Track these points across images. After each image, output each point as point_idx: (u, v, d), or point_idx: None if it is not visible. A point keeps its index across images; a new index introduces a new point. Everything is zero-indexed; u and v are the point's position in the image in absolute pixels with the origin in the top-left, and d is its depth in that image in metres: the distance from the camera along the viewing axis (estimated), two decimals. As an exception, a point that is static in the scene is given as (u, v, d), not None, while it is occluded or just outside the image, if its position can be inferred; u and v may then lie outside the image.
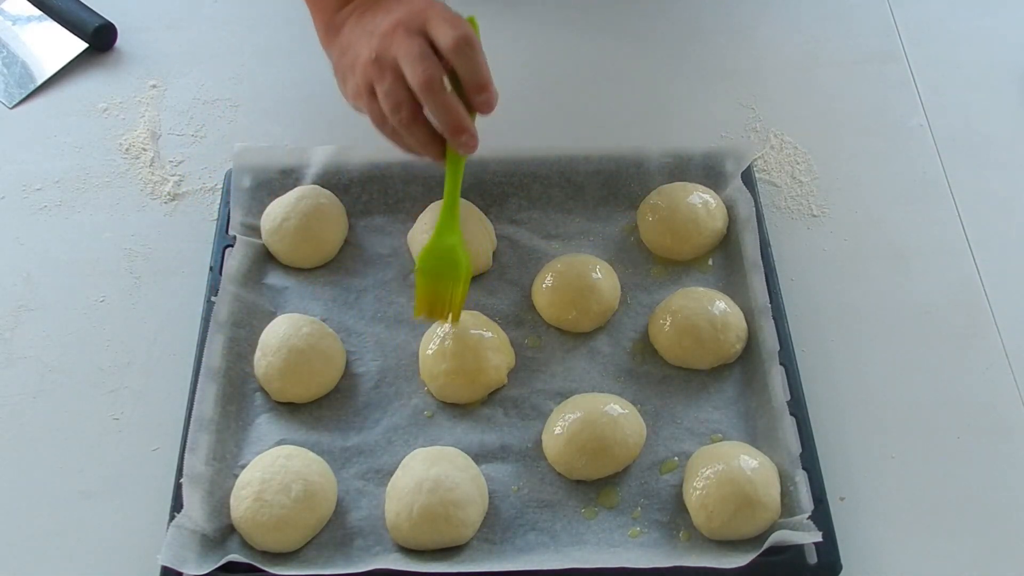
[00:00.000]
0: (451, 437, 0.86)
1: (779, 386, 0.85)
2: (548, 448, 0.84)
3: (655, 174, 1.00)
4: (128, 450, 0.87)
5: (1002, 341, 0.92)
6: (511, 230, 0.99)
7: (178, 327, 0.93)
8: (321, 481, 0.81)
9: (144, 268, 0.98)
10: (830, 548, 0.78)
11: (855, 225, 1.01)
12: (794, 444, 0.83)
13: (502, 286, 0.95)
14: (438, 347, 0.88)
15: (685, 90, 1.12)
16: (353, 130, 1.08)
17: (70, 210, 1.03)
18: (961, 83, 1.12)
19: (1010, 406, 0.89)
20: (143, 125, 1.09)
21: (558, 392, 0.88)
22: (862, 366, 0.91)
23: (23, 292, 0.97)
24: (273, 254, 0.97)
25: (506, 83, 1.12)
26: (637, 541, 0.80)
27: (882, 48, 1.15)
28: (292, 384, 0.87)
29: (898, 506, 0.83)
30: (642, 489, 0.83)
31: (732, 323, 0.89)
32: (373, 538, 0.81)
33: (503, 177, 1.00)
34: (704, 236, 0.96)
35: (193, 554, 0.77)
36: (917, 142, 1.07)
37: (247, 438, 0.86)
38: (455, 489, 0.79)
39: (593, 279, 0.92)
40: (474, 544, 0.80)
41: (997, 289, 0.96)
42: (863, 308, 0.95)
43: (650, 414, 0.87)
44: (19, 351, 0.93)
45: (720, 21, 1.18)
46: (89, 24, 1.14)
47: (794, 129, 1.08)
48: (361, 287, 0.95)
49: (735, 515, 0.78)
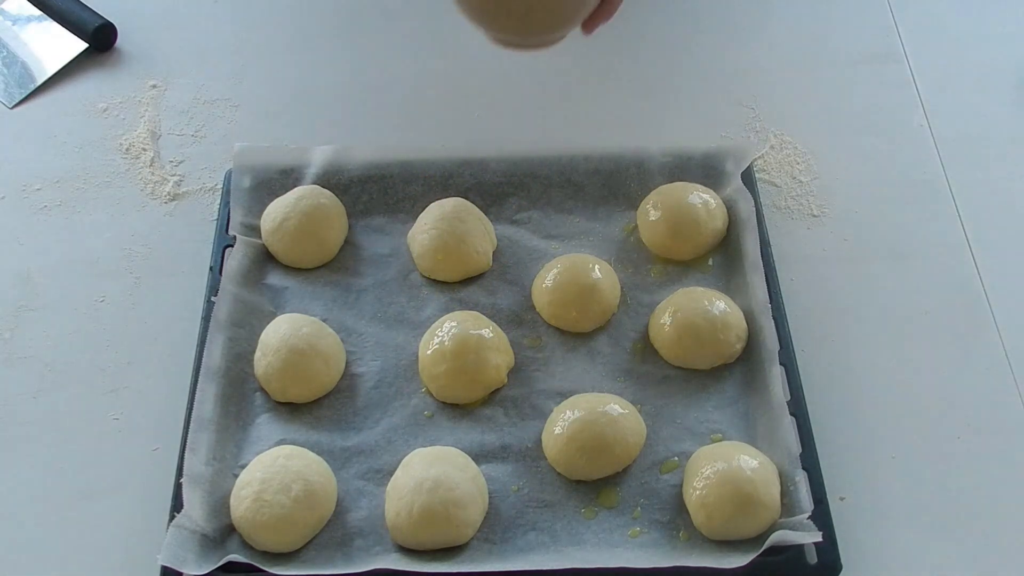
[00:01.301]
0: (451, 437, 0.86)
1: (779, 386, 0.85)
2: (548, 448, 0.84)
3: (655, 174, 1.00)
4: (128, 450, 0.87)
5: (1002, 341, 0.92)
6: (511, 230, 0.99)
7: (178, 327, 0.93)
8: (321, 481, 0.81)
9: (144, 268, 0.98)
10: (830, 548, 0.78)
11: (855, 225, 1.01)
12: (794, 444, 0.83)
13: (502, 286, 0.95)
14: (438, 347, 0.88)
15: (685, 90, 1.12)
16: (353, 130, 1.09)
17: (70, 210, 1.03)
18: (961, 83, 1.12)
19: (1010, 406, 0.89)
20: (143, 125, 1.09)
21: (558, 392, 0.88)
22: (862, 366, 0.91)
23: (23, 292, 0.97)
24: (273, 254, 0.97)
25: (506, 83, 1.13)
26: (637, 541, 0.80)
27: (882, 48, 1.15)
28: (292, 384, 0.87)
29: (898, 506, 0.83)
30: (642, 489, 0.83)
31: (732, 323, 0.89)
32: (373, 538, 0.81)
33: (503, 177, 1.00)
34: (704, 236, 0.96)
35: (193, 554, 0.77)
36: (917, 142, 1.07)
37: (247, 438, 0.86)
38: (455, 489, 0.79)
39: (593, 279, 0.92)
40: (474, 544, 0.80)
41: (997, 289, 0.96)
42: (863, 308, 0.95)
43: (650, 414, 0.87)
44: (19, 351, 0.93)
45: (720, 21, 1.18)
46: (89, 24, 1.14)
47: (794, 129, 1.08)
48: (361, 287, 0.95)
49: (735, 515, 0.78)
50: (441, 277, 0.95)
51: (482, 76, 1.13)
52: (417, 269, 0.96)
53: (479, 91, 1.12)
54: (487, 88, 1.12)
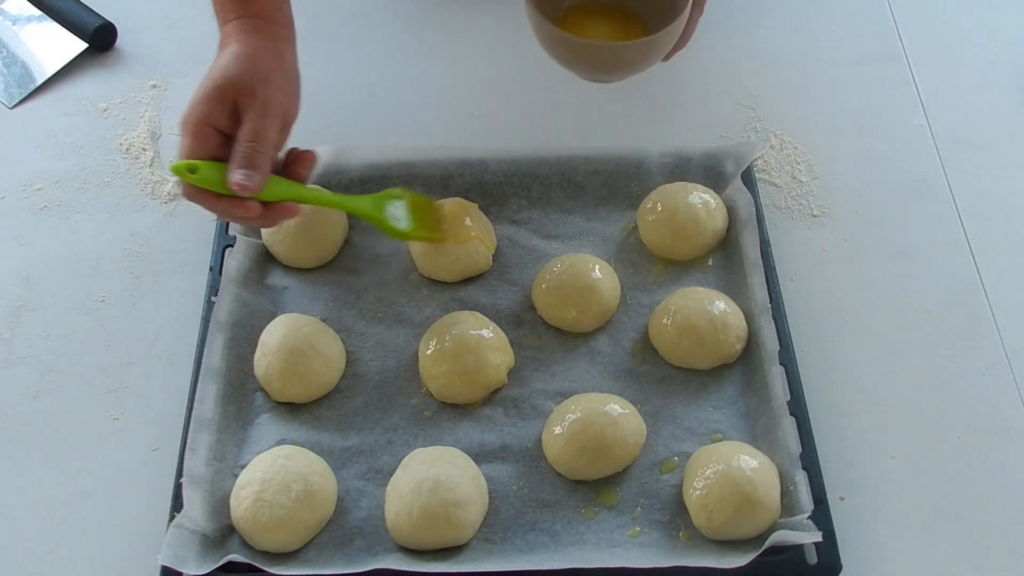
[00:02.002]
0: (451, 437, 0.86)
1: (779, 386, 0.85)
2: (548, 448, 0.84)
3: (655, 174, 1.00)
4: (128, 450, 0.87)
5: (1002, 341, 0.92)
6: (511, 230, 0.99)
7: (178, 327, 0.93)
8: (321, 481, 0.81)
9: (144, 268, 0.98)
10: (830, 548, 0.78)
11: (855, 225, 1.01)
12: (794, 444, 0.83)
13: (502, 286, 0.95)
14: (438, 347, 0.88)
15: (685, 90, 1.12)
16: (353, 130, 1.09)
17: (70, 210, 1.03)
18: (961, 83, 1.12)
19: (1010, 406, 0.89)
20: (143, 125, 1.09)
21: (558, 392, 0.88)
22: (862, 366, 0.91)
23: (23, 292, 0.97)
24: (273, 254, 0.97)
25: (506, 83, 1.13)
26: (637, 541, 0.80)
27: (882, 48, 1.15)
28: (292, 384, 0.87)
29: (898, 506, 0.84)
30: (642, 489, 0.83)
31: (732, 323, 0.89)
32: (373, 538, 0.81)
33: (503, 177, 1.00)
34: (704, 236, 0.96)
35: (193, 554, 0.77)
36: (917, 142, 1.07)
37: (247, 438, 0.86)
38: (455, 489, 0.79)
39: (593, 279, 0.92)
40: (474, 544, 0.80)
41: (997, 289, 0.96)
42: (863, 308, 0.95)
43: (650, 414, 0.87)
44: (19, 351, 0.93)
45: (720, 21, 1.18)
46: (89, 24, 1.14)
47: (794, 129, 1.08)
48: (361, 287, 0.95)
49: (735, 515, 0.78)
50: (441, 277, 0.95)
51: (482, 77, 1.13)
52: (417, 269, 0.96)
53: (479, 91, 1.12)
54: (487, 88, 1.12)
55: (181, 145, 0.80)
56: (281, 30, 0.88)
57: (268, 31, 0.86)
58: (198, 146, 0.80)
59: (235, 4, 0.87)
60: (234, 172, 0.79)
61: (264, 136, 0.81)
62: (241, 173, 0.79)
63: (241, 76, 0.82)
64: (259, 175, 0.80)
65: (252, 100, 0.81)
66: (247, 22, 0.86)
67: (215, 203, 0.80)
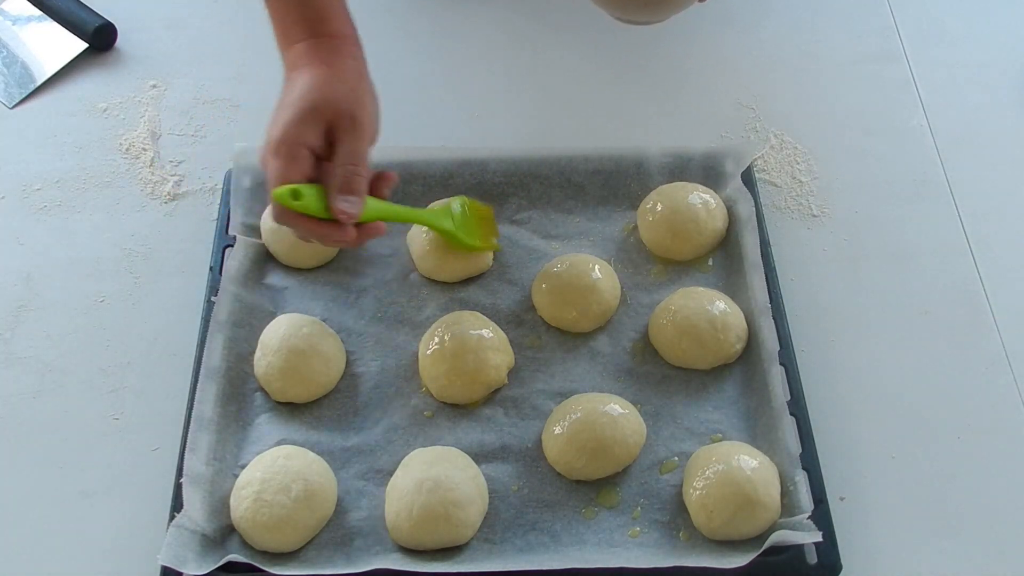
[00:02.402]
0: (451, 437, 0.86)
1: (779, 386, 0.85)
2: (548, 448, 0.84)
3: (655, 174, 1.00)
4: (128, 450, 0.87)
5: (1002, 341, 0.92)
6: (511, 230, 0.99)
7: (178, 327, 0.93)
8: (321, 481, 0.81)
9: (144, 268, 0.98)
10: (830, 548, 0.78)
11: (855, 225, 1.01)
12: (794, 444, 0.83)
13: (502, 286, 0.95)
14: (438, 347, 0.88)
15: (685, 90, 1.12)
16: (353, 130, 1.09)
17: (70, 210, 1.03)
18: (961, 83, 1.12)
19: (1010, 406, 0.89)
20: (143, 125, 1.09)
21: (558, 392, 0.88)
22: (862, 366, 0.91)
23: (23, 292, 0.97)
24: (273, 254, 0.97)
25: (506, 83, 1.13)
26: (637, 541, 0.80)
27: (882, 48, 1.15)
28: (292, 384, 0.87)
29: (898, 506, 0.83)
30: (642, 489, 0.83)
31: (732, 323, 0.89)
32: (373, 538, 0.81)
33: (503, 177, 1.00)
34: (704, 236, 0.96)
35: (193, 554, 0.77)
36: (917, 142, 1.07)
37: (247, 438, 0.86)
38: (455, 489, 0.79)
39: (593, 279, 0.92)
40: (474, 544, 0.80)
41: (997, 289, 0.96)
42: (863, 308, 0.95)
43: (650, 414, 0.87)
44: (19, 351, 0.93)
45: (720, 21, 1.18)
46: (89, 24, 1.14)
47: (794, 129, 1.08)
48: (361, 287, 0.95)
49: (735, 515, 0.78)
50: (441, 277, 0.95)
51: (482, 76, 1.13)
52: (417, 269, 0.96)
53: (479, 91, 1.12)
54: (487, 88, 1.12)
55: (273, 167, 0.79)
56: (358, 50, 0.86)
57: (348, 51, 0.85)
58: (294, 168, 0.78)
59: (308, 24, 0.85)
60: (338, 200, 0.78)
61: (361, 159, 0.80)
62: (345, 200, 0.78)
63: (336, 97, 0.80)
64: (360, 200, 0.79)
65: (348, 122, 0.80)
66: (324, 42, 0.84)
67: (314, 228, 0.79)
